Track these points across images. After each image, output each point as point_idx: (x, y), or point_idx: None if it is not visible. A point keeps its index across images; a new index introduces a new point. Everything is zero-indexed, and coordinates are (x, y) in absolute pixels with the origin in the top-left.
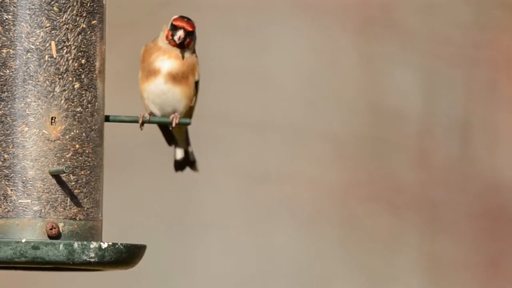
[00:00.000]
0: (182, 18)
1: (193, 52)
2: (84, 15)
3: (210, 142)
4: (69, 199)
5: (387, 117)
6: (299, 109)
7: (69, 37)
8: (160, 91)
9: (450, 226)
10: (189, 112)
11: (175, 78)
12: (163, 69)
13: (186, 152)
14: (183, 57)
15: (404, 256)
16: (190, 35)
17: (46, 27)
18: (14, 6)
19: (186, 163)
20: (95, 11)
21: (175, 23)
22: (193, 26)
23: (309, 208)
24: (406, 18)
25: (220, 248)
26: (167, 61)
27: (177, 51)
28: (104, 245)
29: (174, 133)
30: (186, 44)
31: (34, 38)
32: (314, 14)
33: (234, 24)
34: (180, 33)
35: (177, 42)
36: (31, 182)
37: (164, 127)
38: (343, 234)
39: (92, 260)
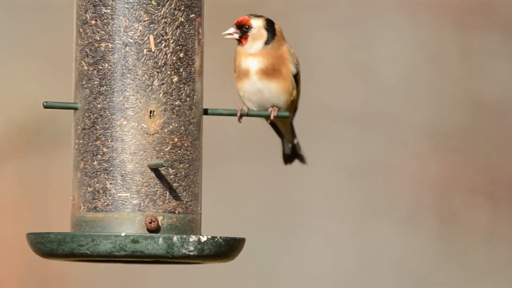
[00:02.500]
0: (242, 16)
1: (280, 46)
2: (182, 8)
3: (311, 136)
4: (168, 193)
5: (487, 110)
6: (400, 102)
7: (167, 31)
8: (256, 89)
9: None
10: (291, 106)
11: (267, 73)
12: (251, 68)
13: (293, 145)
14: (265, 52)
15: (504, 250)
16: (241, 29)
17: (145, 21)
18: (112, 0)
19: (294, 155)
20: (193, 5)
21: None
22: (244, 20)
23: (409, 202)
24: (507, 10)
25: (320, 243)
26: (250, 60)
27: (249, 49)
28: (203, 239)
29: (278, 126)
30: (243, 40)
31: (133, 32)
32: (414, 8)
33: (336, 18)
34: (229, 29)
35: (227, 37)
36: (130, 176)
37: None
38: (443, 227)
39: (191, 253)
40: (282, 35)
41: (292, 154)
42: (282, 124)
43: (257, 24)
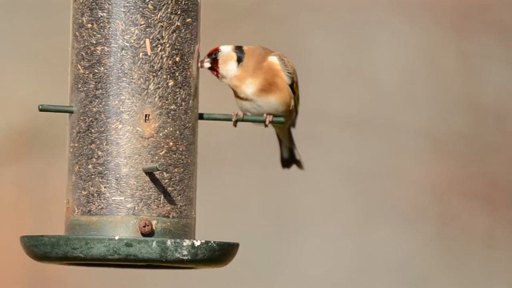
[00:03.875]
0: None
1: (262, 59)
2: (178, 13)
3: (309, 140)
4: (162, 197)
5: (485, 114)
6: (398, 106)
7: (163, 35)
8: (256, 105)
9: None
10: (289, 115)
11: (264, 89)
12: (248, 94)
13: (291, 150)
14: (247, 71)
15: (502, 254)
16: (210, 56)
17: (141, 25)
18: (109, 4)
19: (292, 161)
20: (190, 9)
21: None
22: (212, 50)
23: (408, 206)
24: (505, 15)
25: (318, 246)
26: (246, 86)
27: (232, 69)
28: (197, 243)
29: (276, 131)
30: (215, 66)
31: (129, 36)
32: (412, 12)
33: (334, 22)
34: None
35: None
36: (124, 179)
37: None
38: (442, 231)
39: (185, 258)
40: (254, 50)
41: (290, 159)
42: (280, 129)
43: (226, 49)
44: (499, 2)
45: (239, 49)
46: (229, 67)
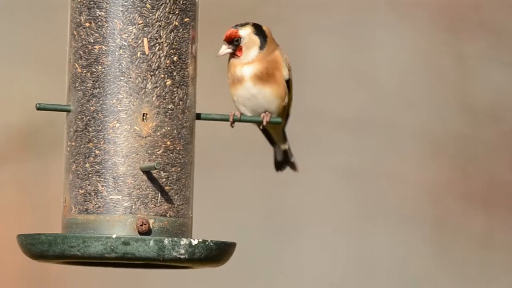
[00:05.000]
0: (228, 30)
1: (273, 49)
2: (176, 12)
3: (305, 141)
4: (159, 196)
5: (483, 116)
6: (395, 107)
7: (161, 34)
8: (250, 95)
9: None
10: (283, 112)
11: (261, 78)
12: (246, 75)
13: (285, 152)
14: (259, 58)
15: (500, 255)
16: (232, 43)
17: (139, 24)
18: (107, 3)
19: (286, 163)
20: (188, 9)
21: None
22: (232, 34)
23: (405, 207)
24: (501, 17)
25: (315, 247)
26: (245, 68)
27: (246, 58)
28: (194, 242)
29: (270, 132)
30: (238, 52)
31: (127, 35)
32: (410, 13)
33: (332, 24)
34: (222, 48)
35: (224, 54)
36: (122, 178)
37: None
38: (439, 232)
39: (182, 256)
40: (273, 38)
41: (283, 161)
42: (274, 130)
43: (245, 33)
44: (496, 4)
45: (260, 31)
46: (252, 53)
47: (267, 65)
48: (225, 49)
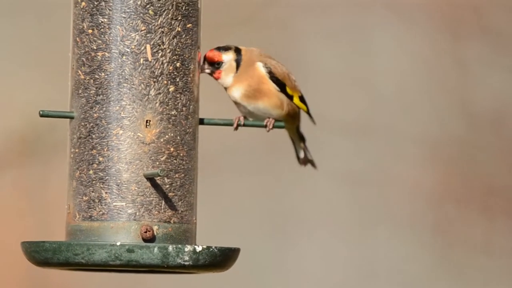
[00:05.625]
0: (211, 50)
1: (249, 66)
2: (179, 18)
3: (308, 145)
4: (163, 202)
5: (483, 120)
6: (396, 112)
7: (164, 41)
8: (248, 111)
9: None
10: (288, 118)
11: (249, 96)
12: (237, 98)
13: (303, 150)
14: (238, 78)
15: (498, 260)
16: (213, 65)
17: (141, 31)
18: (109, 10)
19: (307, 159)
20: (190, 15)
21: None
22: (215, 56)
23: (405, 212)
24: (501, 21)
25: (316, 251)
26: (233, 89)
27: (223, 82)
28: (199, 248)
29: (287, 133)
30: (216, 75)
31: (129, 41)
32: (409, 18)
33: (331, 27)
34: (203, 65)
35: (204, 73)
36: (125, 185)
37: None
38: (439, 237)
39: (186, 263)
40: (250, 53)
41: (305, 158)
42: (289, 131)
43: (228, 59)
44: (496, 8)
45: (239, 54)
46: (228, 79)
47: (249, 82)
48: (205, 69)
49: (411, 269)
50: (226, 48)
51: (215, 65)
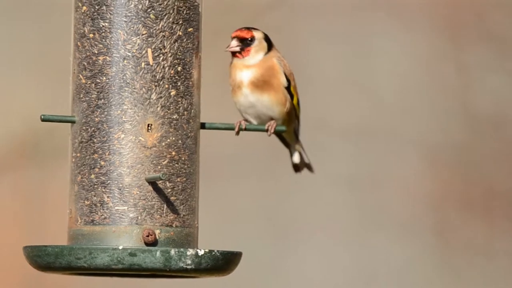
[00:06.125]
0: (239, 29)
1: (271, 56)
2: (180, 22)
3: (307, 149)
4: (165, 206)
5: (483, 124)
6: (397, 116)
7: (165, 45)
8: (249, 103)
9: None
10: (287, 118)
11: (257, 85)
12: (244, 81)
13: (301, 154)
14: (257, 64)
15: (500, 263)
16: (243, 42)
17: (143, 35)
18: (110, 14)
19: (303, 164)
20: (192, 19)
21: (231, 35)
22: (247, 33)
23: (406, 215)
24: (501, 25)
25: (316, 256)
26: (244, 72)
27: (249, 61)
28: (201, 252)
29: (285, 137)
30: (244, 52)
31: (131, 46)
32: (411, 22)
33: (331, 31)
34: (232, 43)
35: (231, 51)
36: (127, 189)
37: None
38: (438, 241)
39: (188, 267)
40: (275, 49)
41: (300, 163)
42: (286, 134)
43: (259, 36)
44: (497, 12)
45: (268, 39)
46: (258, 56)
47: (263, 72)
48: (235, 45)
49: (412, 273)
50: (254, 28)
51: (247, 41)
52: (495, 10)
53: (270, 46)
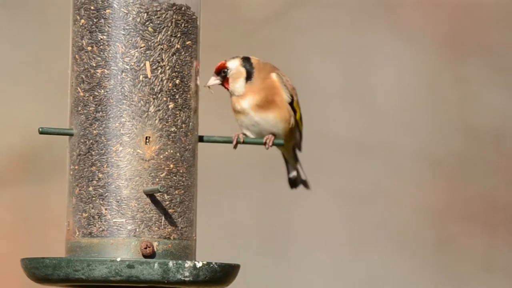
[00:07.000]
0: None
1: (266, 76)
2: (178, 35)
3: (306, 163)
4: (163, 218)
5: (483, 137)
6: (396, 130)
7: (163, 58)
8: (254, 122)
9: None
10: (289, 134)
11: (262, 106)
12: (246, 108)
13: (297, 170)
14: (252, 87)
15: (501, 277)
16: (219, 74)
17: (141, 48)
18: (108, 27)
19: (299, 180)
20: (190, 32)
21: None
22: (220, 65)
23: (406, 229)
24: (501, 39)
25: (315, 269)
26: (243, 101)
27: (236, 91)
28: (199, 264)
29: (281, 151)
30: (226, 83)
31: (129, 58)
32: (410, 36)
33: (331, 45)
34: (210, 79)
35: (209, 85)
36: (125, 202)
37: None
38: (440, 254)
39: (186, 279)
40: (264, 65)
41: (296, 179)
42: (285, 150)
43: (233, 65)
44: (496, 26)
45: (247, 62)
46: (238, 84)
47: (265, 93)
48: (213, 80)
49: (412, 286)
50: (232, 57)
51: (222, 73)
52: (494, 25)
53: (251, 68)
